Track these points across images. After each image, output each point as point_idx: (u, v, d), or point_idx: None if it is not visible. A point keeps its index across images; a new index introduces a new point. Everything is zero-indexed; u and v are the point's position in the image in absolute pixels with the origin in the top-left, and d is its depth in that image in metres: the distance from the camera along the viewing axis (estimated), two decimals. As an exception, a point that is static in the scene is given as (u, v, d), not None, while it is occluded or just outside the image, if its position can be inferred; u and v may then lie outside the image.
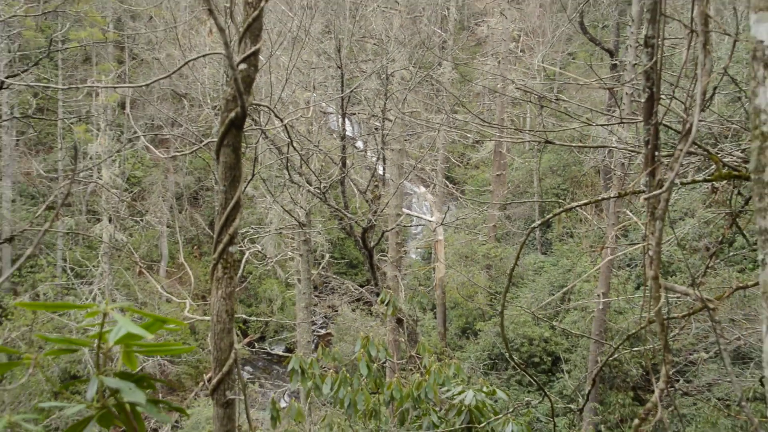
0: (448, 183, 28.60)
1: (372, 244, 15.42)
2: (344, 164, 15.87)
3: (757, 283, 4.08)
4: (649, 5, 2.50)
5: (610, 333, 18.94)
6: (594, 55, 30.47)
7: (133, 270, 27.36)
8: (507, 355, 5.29)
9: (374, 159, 20.83)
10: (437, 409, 6.32)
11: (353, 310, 27.67)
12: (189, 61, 3.80)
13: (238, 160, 3.37)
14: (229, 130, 3.28)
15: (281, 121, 6.53)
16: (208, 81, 17.17)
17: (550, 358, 22.20)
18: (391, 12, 20.39)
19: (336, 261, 32.14)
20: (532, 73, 25.28)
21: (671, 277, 19.69)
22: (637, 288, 21.63)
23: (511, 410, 5.92)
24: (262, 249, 24.26)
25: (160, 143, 32.86)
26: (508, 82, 23.91)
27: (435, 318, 26.45)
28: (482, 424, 5.62)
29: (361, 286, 26.69)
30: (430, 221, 26.19)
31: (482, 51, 31.00)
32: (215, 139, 3.36)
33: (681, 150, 2.29)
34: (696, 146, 3.45)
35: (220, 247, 3.16)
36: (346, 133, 32.60)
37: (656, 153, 2.64)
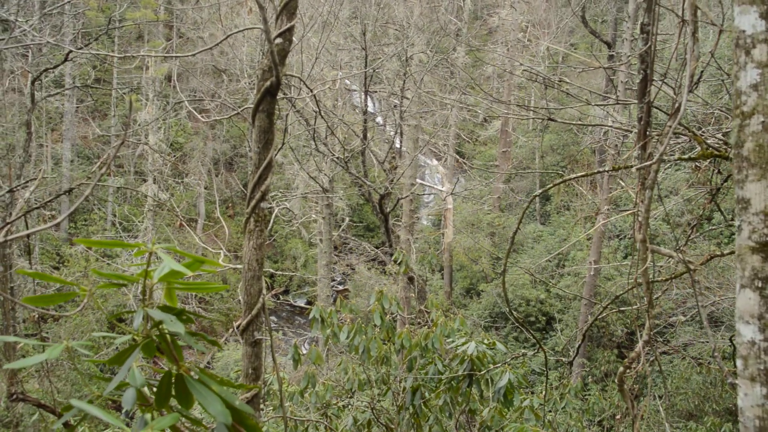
0: (458, 157, 28.49)
1: (388, 209, 15.47)
2: (365, 136, 15.89)
3: (732, 252, 4.09)
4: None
5: (599, 297, 18.99)
6: (594, 46, 30.06)
7: (173, 226, 27.62)
8: (507, 312, 5.34)
9: (392, 133, 20.78)
10: (443, 358, 6.38)
11: (369, 269, 27.80)
12: (230, 34, 3.82)
13: (271, 124, 3.40)
14: (264, 97, 3.31)
15: (311, 90, 6.54)
16: (246, 58, 17.13)
17: (544, 318, 22.30)
18: (412, 1, 20.19)
19: (355, 224, 32.24)
20: (537, 60, 25.01)
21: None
22: (625, 257, 21.61)
23: (508, 361, 5.97)
24: (290, 209, 24.40)
25: (201, 113, 32.91)
26: (516, 66, 23.67)
27: (442, 278, 26.55)
28: (482, 372, 5.69)
29: (377, 247, 26.78)
30: (441, 191, 26.18)
31: (493, 39, 30.66)
32: (251, 107, 3.40)
33: (670, 126, 2.30)
34: (682, 127, 3.45)
35: (253, 202, 3.20)
36: (368, 108, 32.50)
37: (648, 129, 2.65)
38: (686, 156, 3.53)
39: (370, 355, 5.85)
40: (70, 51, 9.90)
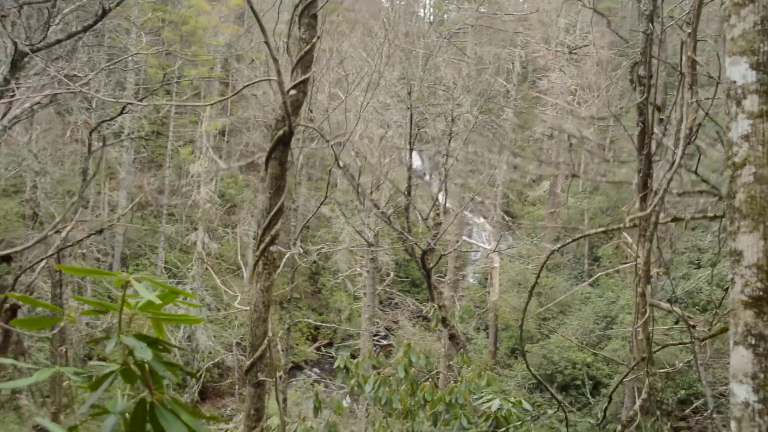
0: (505, 216, 28.34)
1: (430, 265, 15.41)
2: (409, 192, 15.98)
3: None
4: (641, 49, 2.49)
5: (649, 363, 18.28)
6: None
7: (222, 274, 28.02)
8: (530, 371, 5.21)
9: (437, 191, 20.85)
10: (469, 415, 6.23)
11: (413, 325, 27.56)
12: (246, 86, 3.95)
13: (283, 172, 3.47)
14: (276, 146, 3.39)
15: (327, 141, 6.66)
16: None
17: (591, 382, 21.60)
18: (460, 63, 20.51)
19: (401, 279, 32.13)
20: (586, 124, 24.94)
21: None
22: (676, 322, 20.88)
23: (532, 418, 5.81)
24: (335, 263, 24.50)
25: (249, 165, 33.70)
26: (565, 130, 23.66)
27: (487, 337, 26.12)
28: (505, 429, 5.54)
29: (422, 303, 26.59)
30: (486, 248, 25.97)
31: (542, 102, 30.75)
32: (264, 155, 3.46)
33: (667, 177, 2.26)
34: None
35: (262, 246, 3.25)
36: (415, 166, 32.75)
37: (648, 182, 2.60)
38: (700, 215, 3.43)
39: (393, 407, 5.75)
40: (126, 104, 10.30)
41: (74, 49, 13.02)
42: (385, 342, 30.01)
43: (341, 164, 15.96)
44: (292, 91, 3.42)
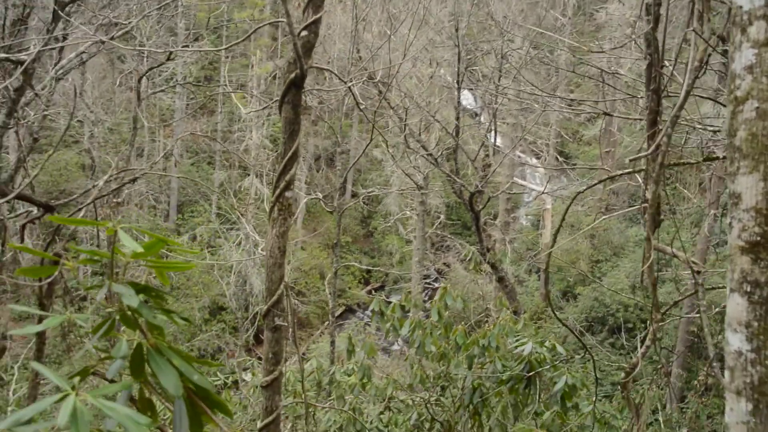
0: (559, 157, 27.76)
1: (479, 208, 15.29)
2: (457, 133, 15.77)
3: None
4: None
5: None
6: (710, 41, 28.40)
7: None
8: (553, 313, 5.15)
9: (487, 130, 20.49)
10: (504, 358, 6.24)
11: (464, 268, 27.57)
12: (255, 30, 3.89)
13: (297, 115, 3.43)
14: (289, 89, 3.34)
15: (344, 83, 6.56)
16: (336, 56, 17.40)
17: (643, 325, 21.36)
18: (511, -3, 19.81)
19: (453, 222, 32.05)
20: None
21: None
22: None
23: (567, 363, 5.78)
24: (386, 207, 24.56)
25: (303, 110, 33.68)
26: (622, 64, 22.77)
27: (539, 280, 25.96)
28: (536, 371, 5.54)
29: (472, 246, 26.52)
30: (537, 190, 25.59)
31: (600, 35, 29.57)
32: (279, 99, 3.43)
33: (676, 116, 2.12)
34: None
35: (278, 191, 3.24)
36: (470, 106, 32.10)
37: (658, 119, 2.46)
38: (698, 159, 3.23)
39: (426, 350, 5.80)
40: (171, 51, 10.37)
41: (120, -2, 13.11)
42: (436, 285, 30.19)
43: (390, 104, 15.83)
44: (303, 32, 3.35)
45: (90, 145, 20.95)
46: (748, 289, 1.67)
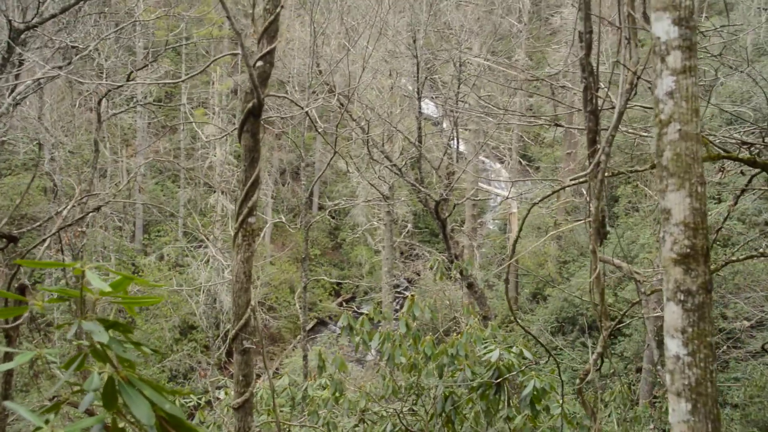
0: (522, 161, 28.15)
1: (445, 215, 15.45)
2: (420, 142, 15.94)
3: (731, 261, 3.94)
4: (579, 5, 2.47)
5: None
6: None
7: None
8: (520, 324, 5.28)
9: (448, 138, 20.75)
10: (473, 366, 6.36)
11: (431, 269, 27.69)
12: (212, 61, 3.97)
13: (256, 143, 3.52)
14: (247, 118, 3.43)
15: (302, 108, 6.66)
16: (296, 70, 17.49)
17: (613, 323, 21.71)
18: (468, 5, 20.13)
19: (420, 230, 32.24)
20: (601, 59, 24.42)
21: (728, 248, 18.84)
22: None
23: (536, 368, 5.92)
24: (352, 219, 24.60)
25: (265, 124, 33.65)
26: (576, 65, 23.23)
27: (508, 283, 26.24)
28: (505, 377, 5.66)
29: (441, 252, 26.74)
30: (501, 194, 25.92)
31: (556, 40, 30.12)
32: (237, 128, 3.51)
33: (612, 135, 2.26)
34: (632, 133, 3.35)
35: (240, 218, 3.32)
36: (432, 115, 32.36)
37: (597, 137, 2.61)
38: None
39: (395, 362, 5.89)
40: (131, 71, 10.36)
41: (76, 19, 13.03)
42: (407, 293, 30.31)
43: (352, 117, 15.96)
44: (259, 63, 3.45)
45: (51, 168, 20.66)
46: (682, 298, 1.80)
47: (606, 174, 2.47)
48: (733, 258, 3.65)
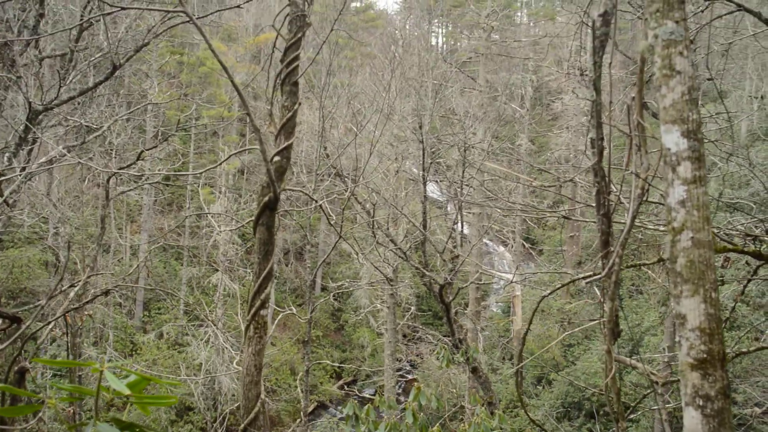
0: (525, 243, 28.24)
1: (449, 299, 15.39)
2: (425, 226, 16.04)
3: (741, 353, 3.94)
4: (590, 113, 2.58)
5: (675, 385, 18.02)
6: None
7: (245, 315, 28.07)
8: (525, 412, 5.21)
9: (454, 222, 20.91)
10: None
11: (437, 359, 27.33)
12: (231, 155, 4.09)
13: (271, 236, 3.58)
14: (263, 211, 3.50)
15: (315, 201, 6.79)
16: (303, 153, 17.83)
17: (626, 424, 21.25)
18: (472, 91, 20.68)
19: (423, 312, 32.04)
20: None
21: (734, 331, 18.70)
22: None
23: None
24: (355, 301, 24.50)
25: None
26: (580, 151, 23.63)
27: (513, 367, 25.85)
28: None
29: (446, 336, 26.49)
30: (505, 277, 25.86)
31: (557, 125, 30.79)
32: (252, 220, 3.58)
33: (625, 238, 2.32)
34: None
35: (253, 310, 3.34)
36: (437, 198, 32.65)
37: (610, 239, 2.67)
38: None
39: (402, 454, 5.77)
40: (142, 150, 10.56)
41: (91, 100, 13.41)
42: (410, 377, 29.83)
43: (357, 200, 16.15)
44: (276, 158, 3.55)
45: (54, 243, 20.81)
46: (701, 403, 1.81)
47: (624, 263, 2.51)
48: (743, 350, 3.65)
